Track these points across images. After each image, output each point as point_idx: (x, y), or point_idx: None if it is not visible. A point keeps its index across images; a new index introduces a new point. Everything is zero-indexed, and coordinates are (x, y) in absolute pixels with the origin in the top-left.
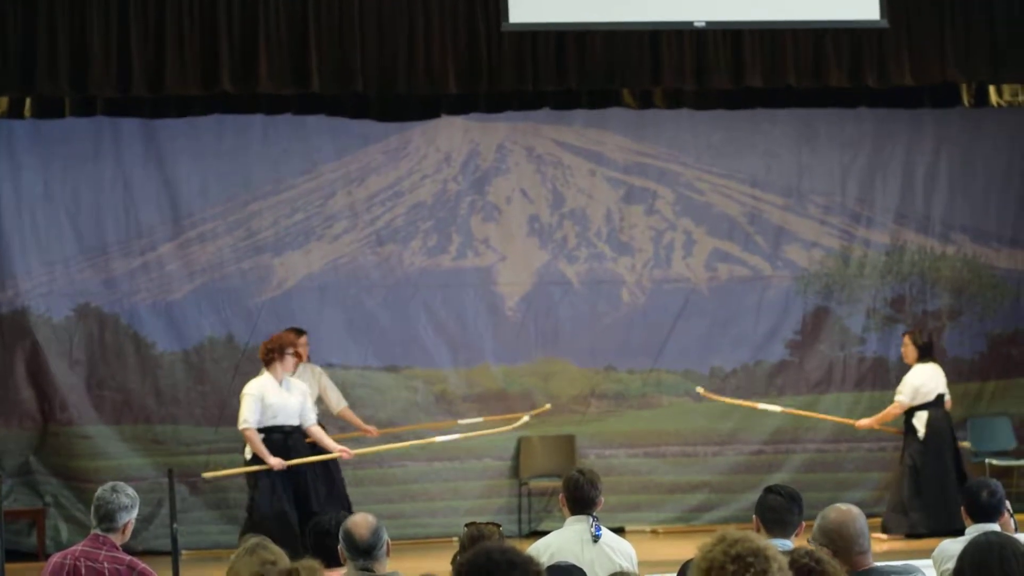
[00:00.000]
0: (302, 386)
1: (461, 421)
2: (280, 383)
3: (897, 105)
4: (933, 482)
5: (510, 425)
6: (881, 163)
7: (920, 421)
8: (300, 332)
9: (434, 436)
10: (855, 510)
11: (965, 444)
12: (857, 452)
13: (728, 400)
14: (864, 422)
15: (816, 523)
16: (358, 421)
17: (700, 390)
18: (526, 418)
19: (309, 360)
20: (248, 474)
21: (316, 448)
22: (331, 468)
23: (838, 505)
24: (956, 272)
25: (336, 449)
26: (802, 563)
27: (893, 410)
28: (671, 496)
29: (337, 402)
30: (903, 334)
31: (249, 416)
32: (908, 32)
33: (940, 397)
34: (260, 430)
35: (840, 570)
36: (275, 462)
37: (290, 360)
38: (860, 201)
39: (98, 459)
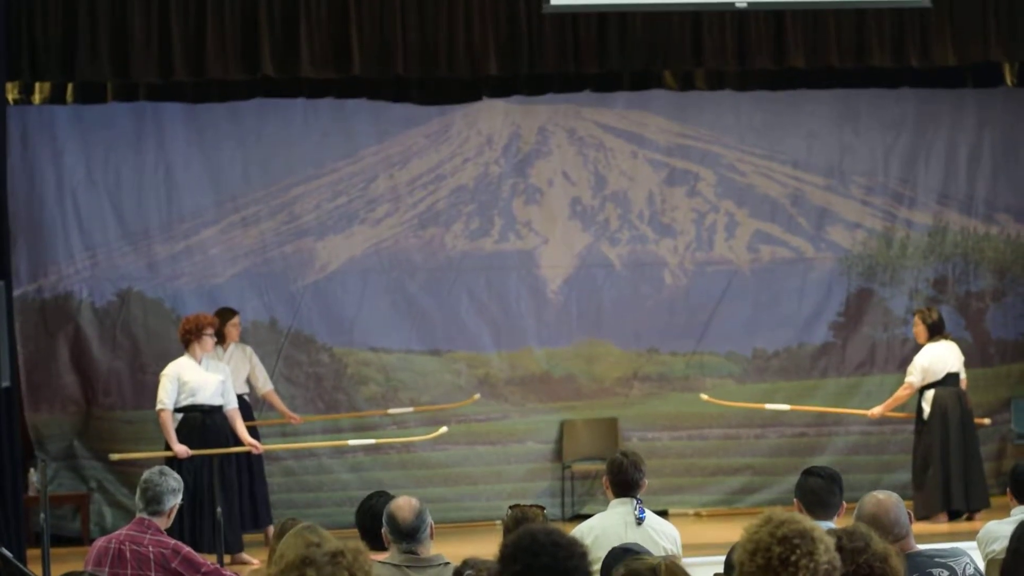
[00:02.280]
0: (224, 368)
1: (391, 410)
2: (199, 363)
3: (940, 85)
4: (934, 462)
5: (433, 433)
6: (924, 143)
7: (926, 401)
8: (232, 312)
9: (349, 440)
10: (892, 498)
11: (984, 421)
12: (901, 435)
13: (734, 404)
14: (876, 410)
15: (855, 512)
16: (282, 407)
17: (704, 397)
18: (442, 431)
19: (241, 340)
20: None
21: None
22: (253, 461)
23: (875, 493)
24: (999, 253)
25: (247, 442)
26: (846, 544)
27: (903, 392)
28: (714, 479)
29: (263, 383)
30: (914, 313)
31: (164, 397)
32: (951, 11)
33: (951, 376)
34: (179, 409)
35: (890, 548)
36: (179, 449)
37: (208, 340)
38: (903, 182)
39: (141, 444)
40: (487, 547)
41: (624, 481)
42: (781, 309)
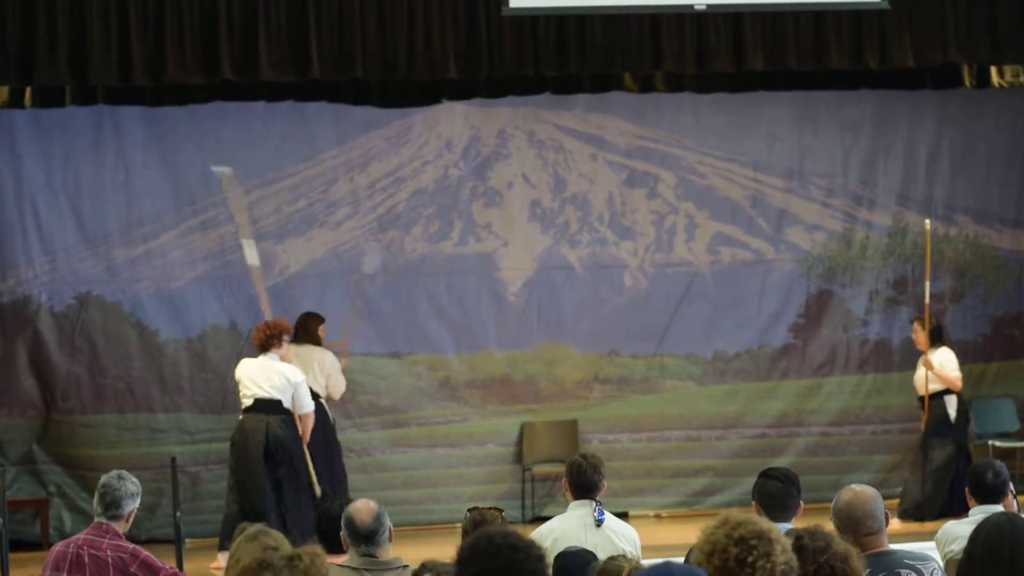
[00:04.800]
0: (299, 375)
1: None
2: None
3: (898, 87)
4: (950, 469)
5: None
6: (883, 145)
7: (951, 406)
8: (321, 319)
9: None
10: (869, 492)
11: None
12: (861, 435)
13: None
14: (933, 362)
15: (832, 502)
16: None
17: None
18: None
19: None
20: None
21: None
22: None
23: (853, 486)
24: (959, 254)
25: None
26: (805, 543)
27: (955, 380)
28: (674, 480)
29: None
30: (911, 320)
31: (308, 400)
32: (909, 13)
33: None
34: (247, 407)
35: (851, 549)
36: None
37: (286, 346)
38: (862, 183)
39: (101, 448)
40: (446, 550)
41: (583, 483)
42: (741, 311)
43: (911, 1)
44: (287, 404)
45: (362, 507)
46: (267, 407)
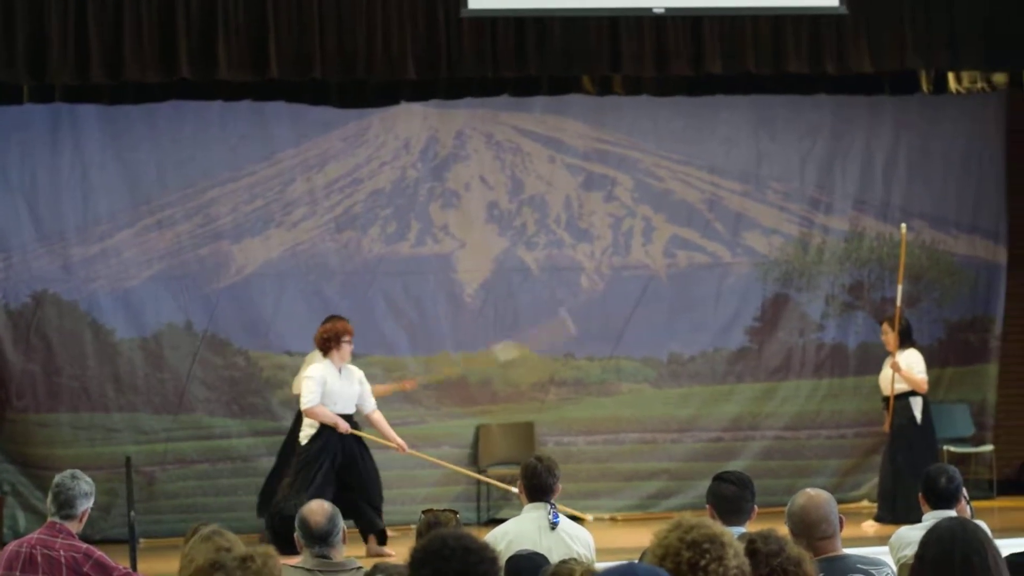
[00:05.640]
0: (359, 373)
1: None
2: (339, 371)
3: (856, 92)
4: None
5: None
6: (840, 150)
7: (916, 407)
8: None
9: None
10: (823, 496)
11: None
12: (816, 439)
13: None
14: (900, 364)
15: (787, 506)
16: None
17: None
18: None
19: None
20: (301, 453)
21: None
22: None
23: (807, 490)
24: (915, 259)
25: (396, 441)
26: (758, 547)
27: (920, 382)
28: (629, 483)
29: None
30: (881, 321)
31: (311, 396)
32: (867, 19)
33: None
34: None
35: (804, 553)
36: (344, 426)
37: (347, 347)
38: (819, 188)
39: (56, 447)
40: (401, 551)
41: (538, 486)
42: (697, 314)
43: (869, 7)
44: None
45: (316, 508)
46: None
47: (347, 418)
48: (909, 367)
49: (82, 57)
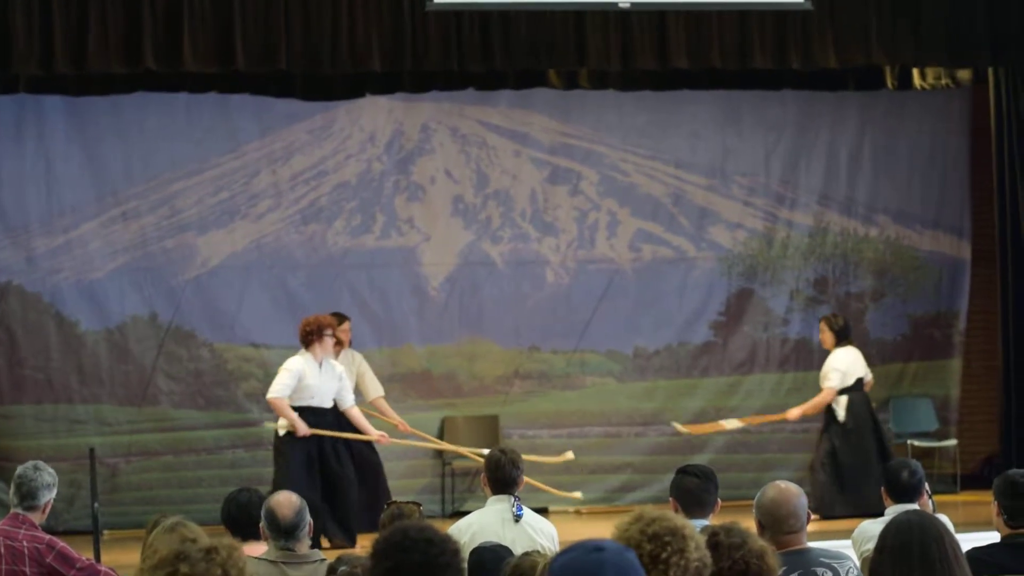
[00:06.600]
0: (340, 368)
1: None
2: (320, 365)
3: (821, 87)
4: (854, 466)
5: (561, 456)
6: (805, 145)
7: (840, 405)
8: (343, 318)
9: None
10: (793, 489)
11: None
12: (780, 433)
13: (698, 429)
14: (794, 412)
15: (755, 498)
16: (392, 414)
17: (676, 426)
18: (568, 456)
19: (351, 346)
20: (277, 448)
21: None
22: (366, 451)
23: (778, 482)
24: (879, 254)
25: (374, 434)
26: (720, 540)
27: (825, 397)
28: (594, 476)
29: (374, 390)
30: (820, 319)
31: (280, 388)
32: (832, 14)
33: (859, 380)
34: (294, 408)
35: (766, 546)
36: (303, 430)
37: (329, 341)
38: (784, 183)
39: (19, 438)
40: (363, 543)
41: (502, 478)
42: (662, 308)
43: (834, 2)
44: None
45: (284, 501)
46: None
47: (324, 412)
48: (828, 364)
49: (47, 48)
